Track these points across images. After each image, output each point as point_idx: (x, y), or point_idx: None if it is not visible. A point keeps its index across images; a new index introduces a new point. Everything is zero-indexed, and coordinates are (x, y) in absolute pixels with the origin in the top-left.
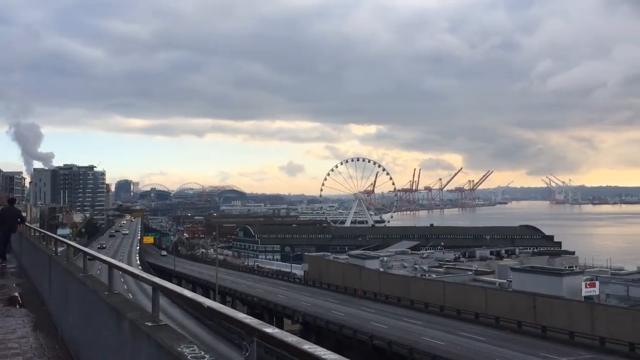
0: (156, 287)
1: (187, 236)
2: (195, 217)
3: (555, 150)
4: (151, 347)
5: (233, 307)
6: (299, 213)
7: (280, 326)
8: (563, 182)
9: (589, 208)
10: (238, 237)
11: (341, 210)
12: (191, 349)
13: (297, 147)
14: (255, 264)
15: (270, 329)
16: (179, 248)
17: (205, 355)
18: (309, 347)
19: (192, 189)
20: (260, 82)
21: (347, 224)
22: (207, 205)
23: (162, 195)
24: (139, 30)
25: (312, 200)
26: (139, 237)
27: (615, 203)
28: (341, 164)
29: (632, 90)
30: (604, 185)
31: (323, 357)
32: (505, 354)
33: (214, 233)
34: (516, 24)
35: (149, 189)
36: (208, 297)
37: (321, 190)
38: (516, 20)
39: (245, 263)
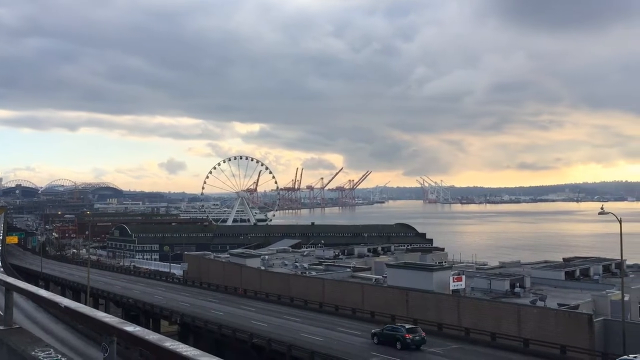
0: (9, 288)
1: (56, 236)
2: (66, 216)
3: (429, 152)
4: (2, 352)
5: (106, 310)
6: (181, 212)
7: (157, 328)
8: (435, 183)
9: (458, 207)
10: (113, 237)
11: (225, 209)
12: (47, 352)
13: (178, 144)
14: (132, 264)
15: (130, 328)
16: (47, 248)
17: (62, 359)
18: (170, 344)
19: (63, 185)
20: (139, 75)
21: (229, 222)
22: (80, 203)
23: (28, 192)
24: (5, 14)
25: (193, 198)
26: (0, 237)
27: (481, 203)
28: (224, 162)
29: (497, 98)
30: (472, 186)
31: (184, 353)
32: (378, 347)
33: (86, 232)
34: (395, 30)
35: (13, 185)
36: (79, 300)
37: (203, 188)
38: (395, 27)
39: (121, 263)
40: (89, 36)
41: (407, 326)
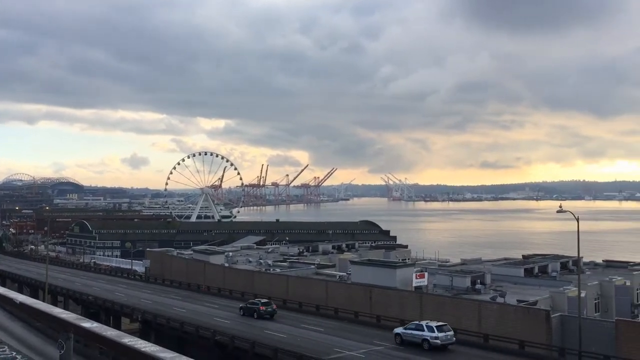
0: None
1: (13, 231)
2: (24, 211)
3: (394, 151)
4: None
5: (65, 307)
6: (145, 207)
7: (117, 326)
8: (400, 181)
9: (421, 205)
10: (73, 233)
11: (189, 205)
12: (1, 349)
13: (141, 139)
14: (92, 260)
15: (88, 324)
16: (4, 245)
17: (17, 356)
18: (128, 340)
19: (21, 180)
20: (102, 68)
21: (193, 219)
22: (39, 198)
23: None
24: None
25: (156, 194)
26: None
27: (444, 200)
28: (188, 157)
29: (461, 97)
30: (435, 184)
31: (142, 349)
32: (342, 344)
33: (45, 228)
34: (361, 29)
35: None
36: (37, 297)
37: (166, 184)
38: (361, 26)
39: (81, 260)
40: (49, 28)
41: (263, 301)
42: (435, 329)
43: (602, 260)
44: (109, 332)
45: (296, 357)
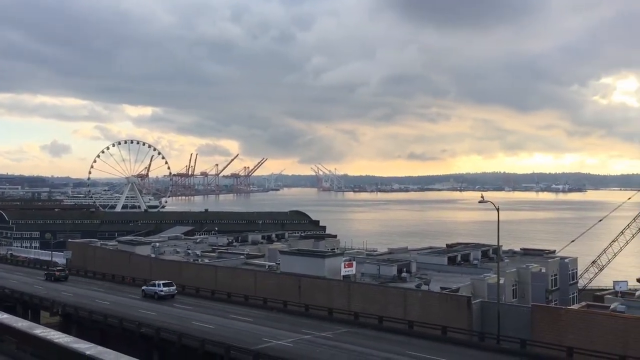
0: None
1: None
2: None
3: (324, 141)
4: None
5: None
6: (68, 197)
7: (36, 319)
8: (329, 171)
9: (350, 195)
10: None
11: (117, 195)
12: None
13: (63, 126)
14: (9, 252)
15: None
16: None
17: None
18: (41, 331)
19: None
20: (19, 51)
21: (118, 208)
22: None
23: None
24: None
25: (79, 183)
26: None
27: (372, 191)
28: (113, 145)
29: (390, 90)
30: (364, 174)
31: (55, 340)
32: (271, 333)
33: None
34: (293, 19)
35: None
36: None
37: (90, 173)
38: (292, 15)
39: None
40: None
41: (163, 282)
42: (162, 285)
43: (520, 249)
44: (20, 323)
45: (224, 348)
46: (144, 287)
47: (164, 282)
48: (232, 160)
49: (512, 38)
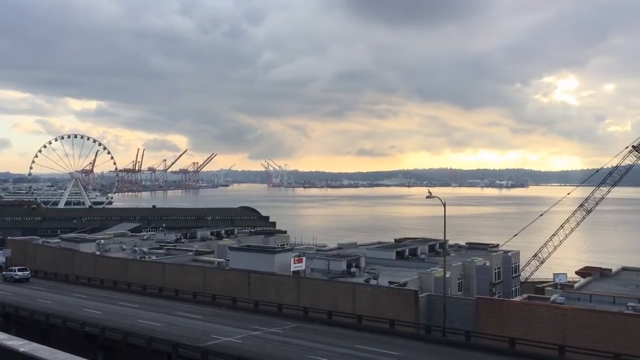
0: None
1: None
2: None
3: (274, 137)
4: None
5: None
6: (9, 193)
7: None
8: (279, 167)
9: (300, 191)
10: None
11: (60, 191)
12: None
13: (1, 119)
14: None
15: None
16: None
17: None
18: None
19: None
20: None
21: (61, 205)
22: None
23: None
24: None
25: (20, 178)
26: None
27: (322, 187)
28: (56, 140)
29: (340, 86)
30: (314, 170)
31: None
32: (219, 330)
33: None
34: (243, 13)
35: None
36: None
37: (31, 168)
38: (243, 10)
39: None
40: None
41: (18, 268)
42: (17, 270)
43: (465, 243)
44: None
45: (171, 346)
46: (4, 272)
47: (18, 267)
48: (181, 155)
49: (458, 36)
